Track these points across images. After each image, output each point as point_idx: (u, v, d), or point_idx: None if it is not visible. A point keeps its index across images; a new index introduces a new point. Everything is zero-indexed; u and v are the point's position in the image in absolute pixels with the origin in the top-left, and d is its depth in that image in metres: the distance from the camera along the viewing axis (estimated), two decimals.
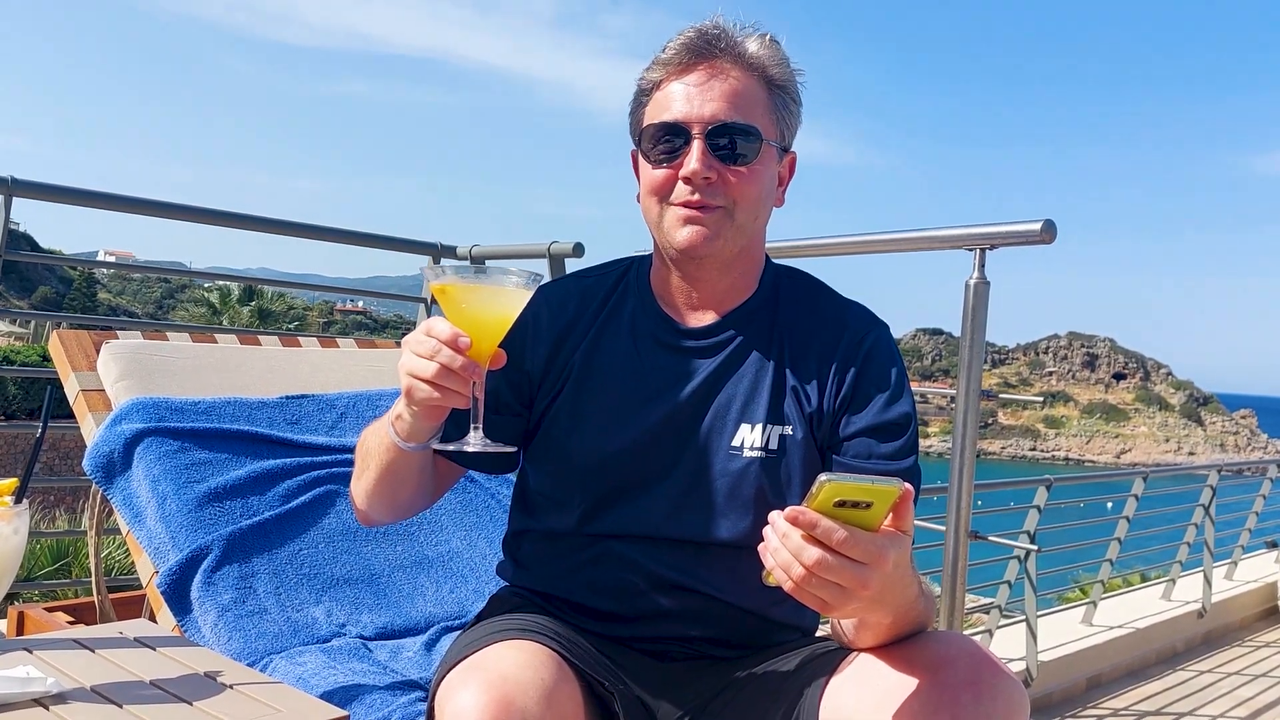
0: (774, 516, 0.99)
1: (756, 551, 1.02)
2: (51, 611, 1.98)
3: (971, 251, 2.04)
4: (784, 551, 0.97)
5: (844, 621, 1.20)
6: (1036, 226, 1.94)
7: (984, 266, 2.03)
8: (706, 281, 1.32)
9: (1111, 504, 5.23)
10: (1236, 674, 4.52)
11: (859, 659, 1.18)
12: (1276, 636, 5.27)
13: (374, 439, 1.27)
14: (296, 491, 1.87)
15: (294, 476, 1.90)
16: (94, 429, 1.86)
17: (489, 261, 3.13)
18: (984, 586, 4.20)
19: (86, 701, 1.08)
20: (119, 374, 1.94)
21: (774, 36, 1.29)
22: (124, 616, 1.94)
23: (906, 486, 0.97)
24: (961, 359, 2.07)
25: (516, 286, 1.12)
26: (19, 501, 1.13)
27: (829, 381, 1.29)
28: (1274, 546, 6.40)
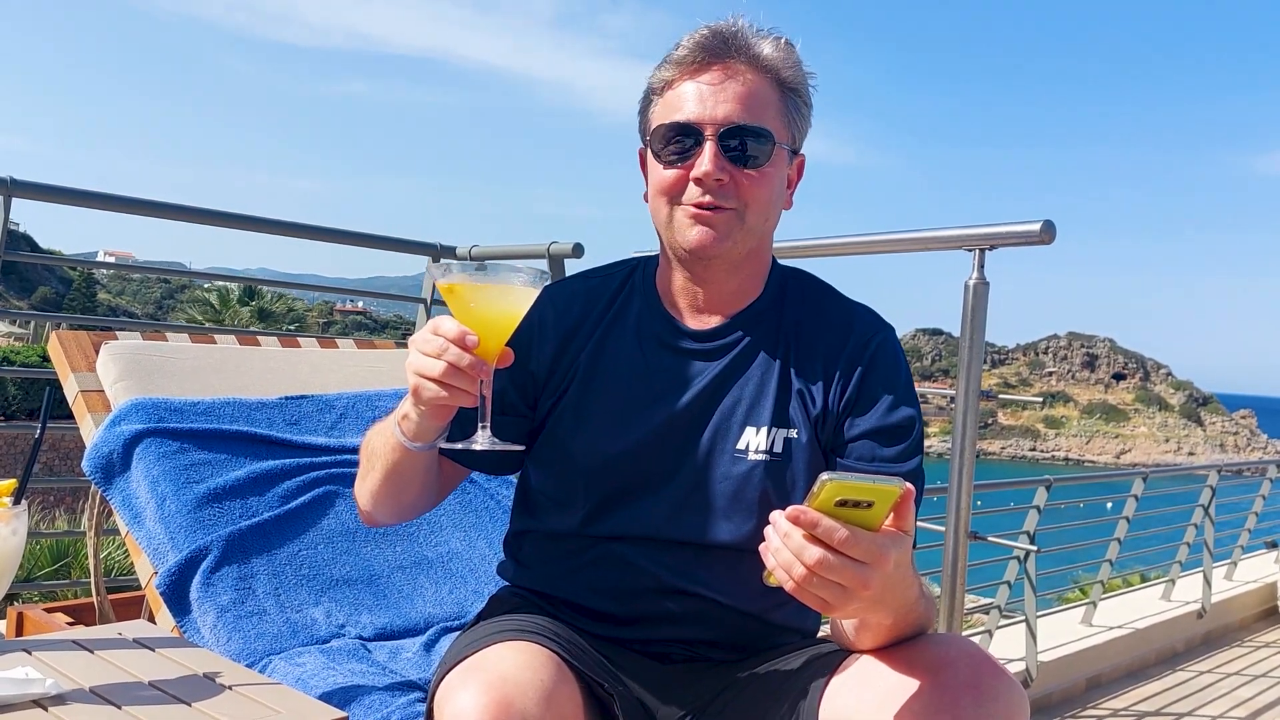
0: (775, 516, 0.99)
1: (759, 554, 1.02)
2: (51, 612, 1.98)
3: (971, 252, 2.04)
4: (785, 551, 0.97)
5: (844, 623, 1.19)
6: (1036, 227, 1.94)
7: (983, 267, 2.02)
8: (714, 283, 1.32)
9: (1111, 504, 5.23)
10: (1236, 674, 4.52)
11: (859, 660, 1.18)
12: (1276, 637, 5.27)
13: (379, 439, 1.27)
14: (296, 492, 1.87)
15: (293, 477, 1.90)
16: (93, 429, 1.86)
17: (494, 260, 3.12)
18: (984, 587, 4.20)
19: (85, 702, 1.08)
20: (118, 374, 1.93)
21: (789, 39, 1.28)
22: (123, 617, 1.94)
23: (908, 486, 0.97)
24: (961, 359, 2.07)
25: (524, 284, 1.11)
26: (18, 502, 1.13)
27: (834, 384, 1.28)
28: (1273, 547, 6.40)
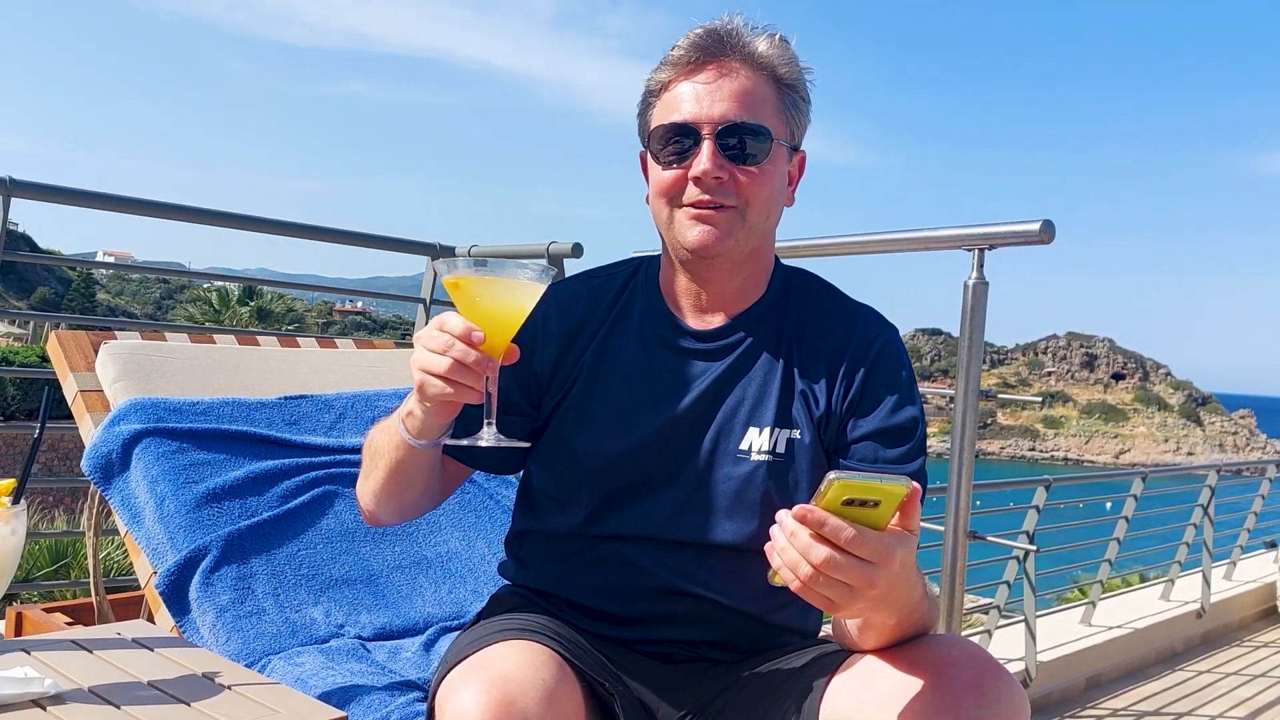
0: (781, 515, 0.99)
1: (761, 555, 1.01)
2: (50, 612, 1.98)
3: (970, 252, 2.04)
4: (791, 550, 0.97)
5: (847, 622, 1.19)
6: (1035, 226, 1.94)
7: (983, 267, 2.02)
8: (716, 283, 1.32)
9: (1110, 504, 5.23)
10: (1235, 674, 4.52)
11: (861, 661, 1.18)
12: (1275, 636, 5.27)
13: (383, 437, 1.26)
14: (295, 492, 1.87)
15: (292, 477, 1.89)
16: (92, 429, 1.86)
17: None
18: (983, 587, 4.19)
19: (84, 702, 1.07)
20: (117, 374, 1.93)
21: (784, 36, 1.28)
22: (122, 617, 1.94)
23: (914, 485, 0.97)
24: (960, 359, 2.07)
25: (530, 280, 1.11)
26: (16, 502, 1.13)
27: (837, 384, 1.28)
28: (1273, 546, 6.40)
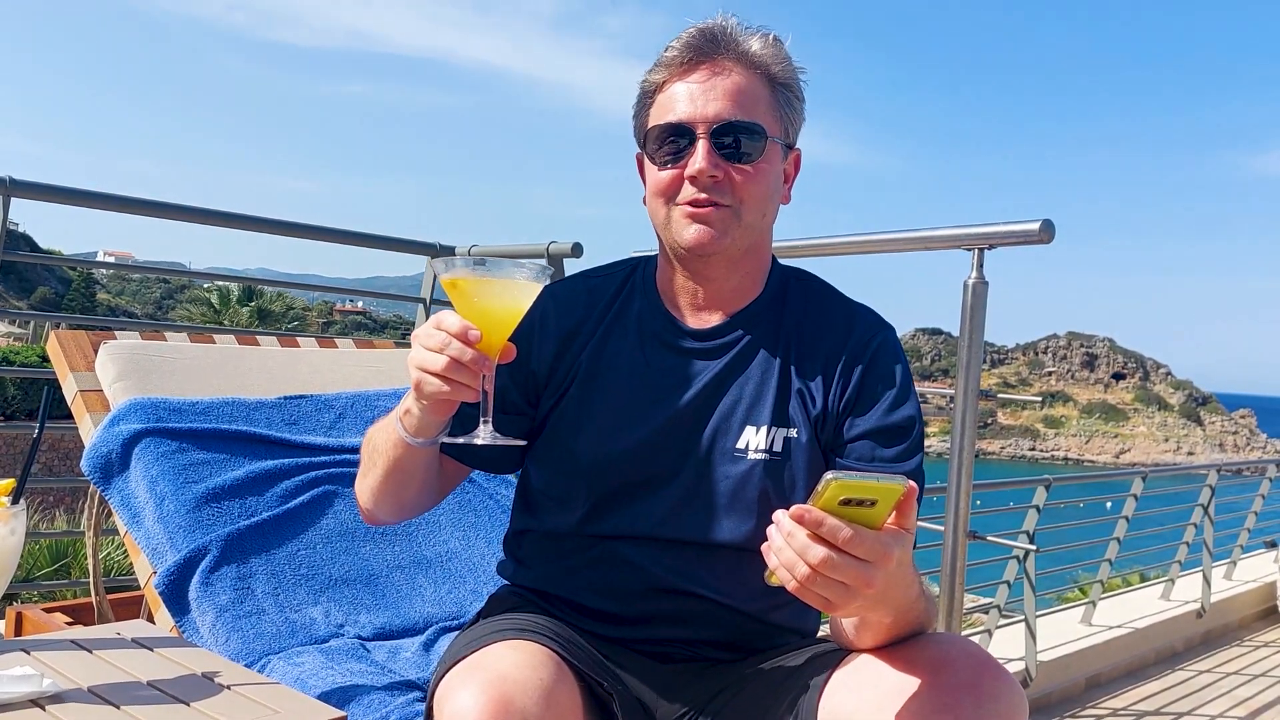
0: (779, 515, 0.99)
1: (759, 554, 1.02)
2: (49, 612, 1.98)
3: (970, 251, 2.04)
4: (788, 550, 0.97)
5: (844, 622, 1.19)
6: (1035, 226, 1.94)
7: (982, 266, 2.02)
8: (713, 281, 1.32)
9: (1110, 504, 5.22)
10: (1235, 674, 4.52)
11: (859, 660, 1.18)
12: (1275, 636, 5.27)
13: (381, 435, 1.27)
14: (295, 492, 1.87)
15: (292, 477, 1.89)
16: (92, 429, 1.86)
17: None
18: (983, 587, 4.19)
19: (83, 702, 1.08)
20: (117, 374, 1.93)
21: (777, 35, 1.29)
22: (122, 617, 1.94)
23: (911, 484, 0.97)
24: (960, 359, 2.07)
25: (527, 279, 1.12)
26: (16, 502, 1.13)
27: (834, 383, 1.29)
28: (1273, 546, 6.40)
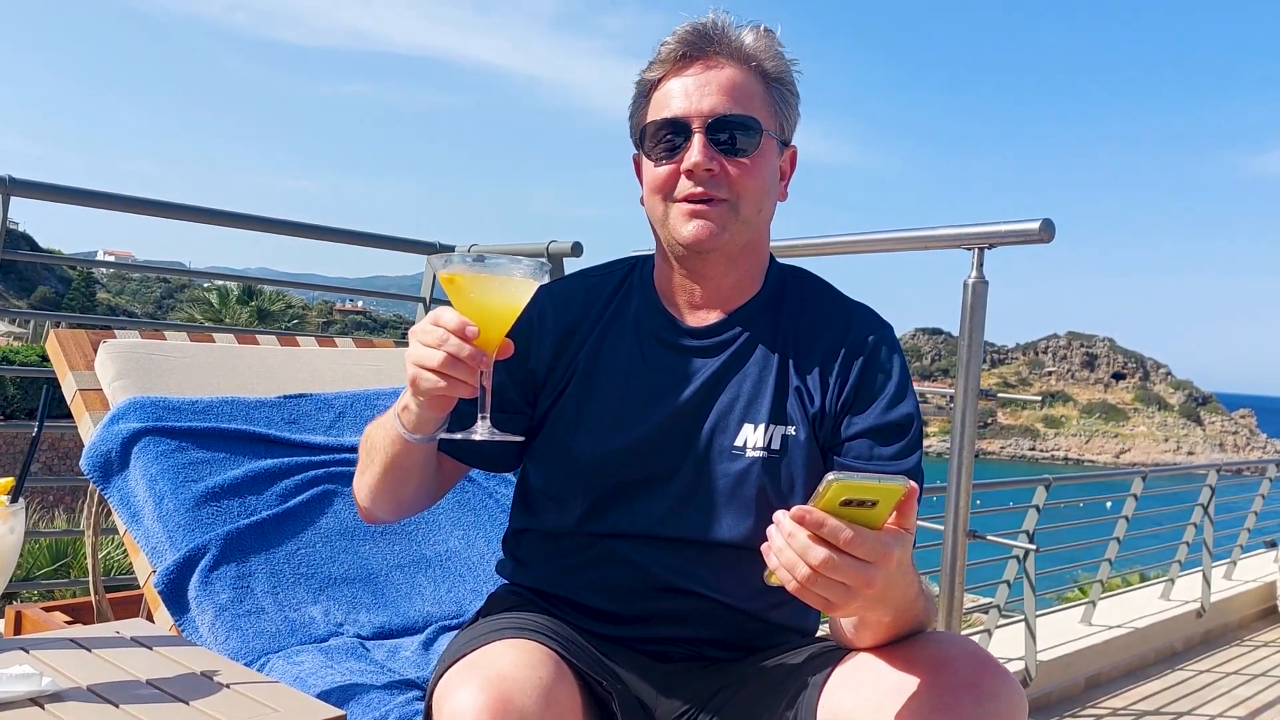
0: (779, 516, 0.99)
1: (757, 553, 1.01)
2: (49, 611, 1.98)
3: (970, 251, 2.04)
4: (788, 551, 0.97)
5: (843, 621, 1.19)
6: (1034, 225, 1.94)
7: (982, 266, 2.02)
8: (711, 278, 1.32)
9: (1110, 504, 5.22)
10: (1235, 674, 4.51)
11: (858, 659, 1.18)
12: (1275, 636, 5.27)
13: (379, 432, 1.27)
14: (294, 491, 1.87)
15: (292, 476, 1.89)
16: (91, 428, 1.86)
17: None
18: (983, 586, 4.19)
19: (83, 701, 1.07)
20: (116, 373, 1.93)
21: (768, 27, 1.29)
22: (122, 616, 1.94)
23: (912, 485, 0.96)
24: (960, 358, 2.07)
25: (524, 276, 1.12)
26: (15, 500, 1.13)
27: (832, 382, 1.28)
28: (1273, 546, 6.40)
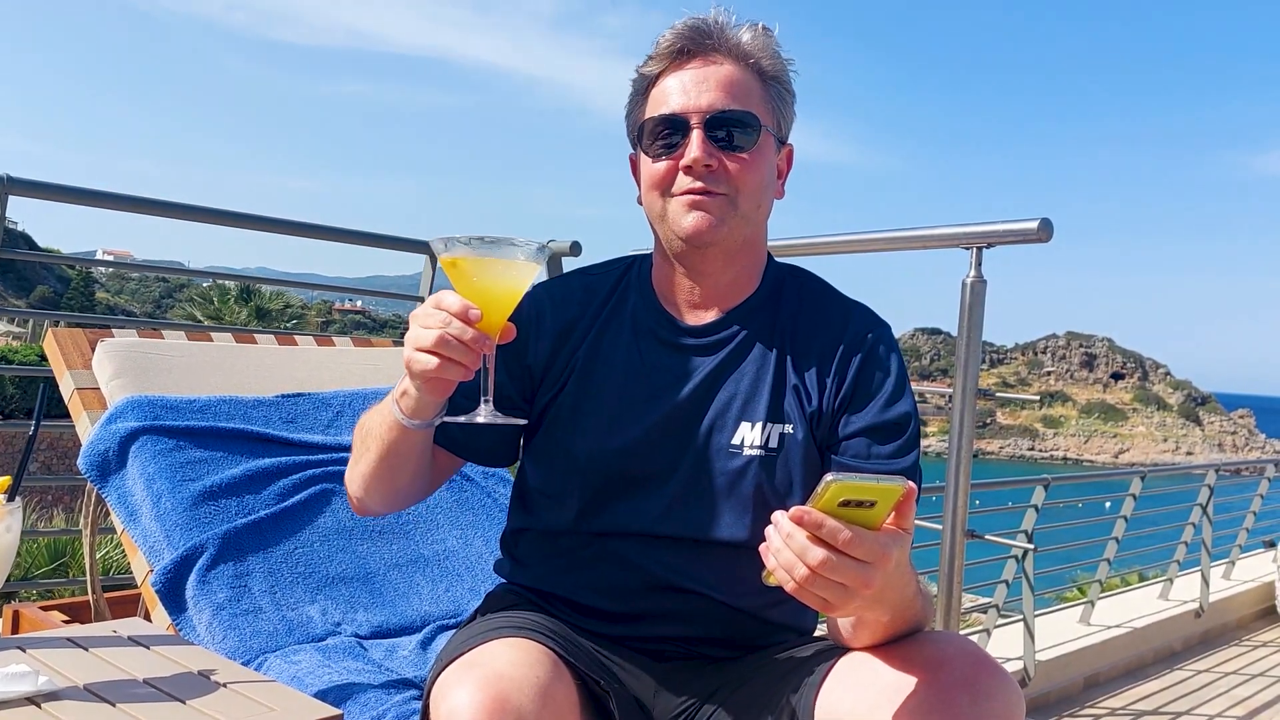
0: (778, 516, 0.99)
1: (755, 551, 1.01)
2: (46, 610, 1.98)
3: (968, 250, 2.04)
4: (787, 552, 0.97)
5: (841, 620, 1.19)
6: (1033, 225, 1.94)
7: (981, 265, 2.02)
8: (710, 276, 1.32)
9: (1109, 503, 5.23)
10: (1234, 673, 4.52)
11: (856, 658, 1.18)
12: (1274, 636, 5.28)
13: (375, 420, 1.26)
14: (292, 490, 1.87)
15: (289, 475, 1.89)
16: (89, 427, 1.85)
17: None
18: (981, 586, 4.20)
19: (80, 700, 1.07)
20: (114, 372, 1.93)
21: (766, 26, 1.29)
22: (119, 615, 1.94)
23: (910, 485, 0.96)
24: (958, 358, 2.07)
25: (526, 259, 1.12)
26: (11, 499, 1.13)
27: (829, 380, 1.28)
28: (1271, 546, 6.40)
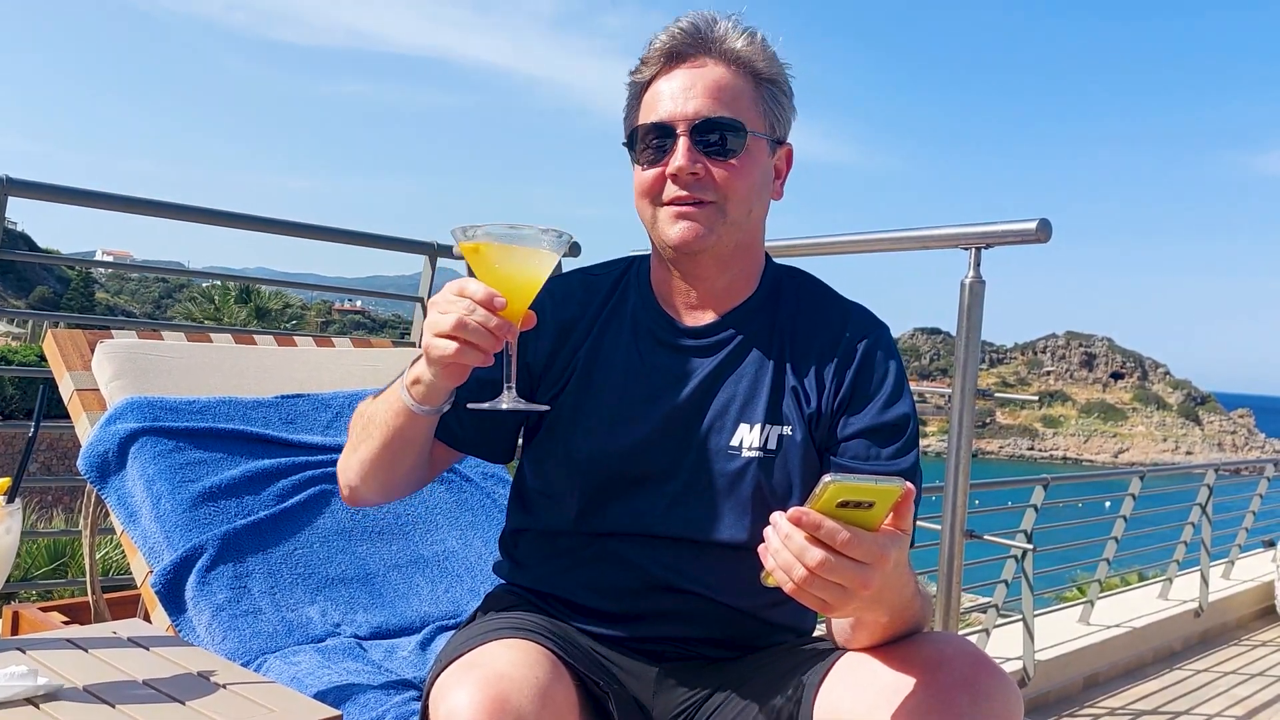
0: (776, 517, 0.99)
1: (754, 552, 1.01)
2: (46, 611, 1.98)
3: (967, 251, 2.04)
4: (785, 553, 0.97)
5: (839, 621, 1.19)
6: (1032, 225, 1.94)
7: (980, 265, 2.02)
8: (705, 279, 1.32)
9: (1109, 503, 5.23)
10: (1233, 673, 4.52)
11: (854, 659, 1.18)
12: (1273, 635, 5.28)
13: (379, 406, 1.25)
14: (291, 491, 1.87)
15: (289, 476, 1.89)
16: (88, 428, 1.85)
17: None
18: (981, 586, 4.20)
19: (79, 701, 1.07)
20: (113, 373, 1.93)
21: (757, 29, 1.28)
22: (119, 616, 1.94)
23: (909, 486, 0.96)
24: (957, 358, 2.07)
25: (550, 249, 1.13)
26: (11, 500, 1.13)
27: (828, 382, 1.29)
28: (1271, 546, 6.40)
